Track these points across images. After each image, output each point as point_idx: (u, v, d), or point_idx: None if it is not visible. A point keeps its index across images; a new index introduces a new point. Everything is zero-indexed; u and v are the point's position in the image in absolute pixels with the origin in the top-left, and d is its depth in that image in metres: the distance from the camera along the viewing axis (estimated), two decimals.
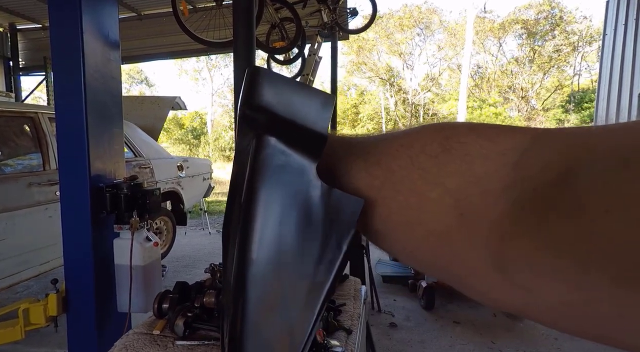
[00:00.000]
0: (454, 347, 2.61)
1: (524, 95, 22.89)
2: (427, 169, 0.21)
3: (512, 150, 0.19)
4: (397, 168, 0.23)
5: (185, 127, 26.67)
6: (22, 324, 1.71)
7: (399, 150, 0.23)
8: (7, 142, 2.67)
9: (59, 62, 1.69)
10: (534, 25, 21.69)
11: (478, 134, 0.21)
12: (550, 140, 0.19)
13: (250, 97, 0.24)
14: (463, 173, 0.20)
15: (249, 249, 0.23)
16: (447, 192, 0.20)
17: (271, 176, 0.23)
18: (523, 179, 0.18)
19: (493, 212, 0.18)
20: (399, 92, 25.39)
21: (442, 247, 0.21)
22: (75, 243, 1.71)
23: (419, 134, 0.23)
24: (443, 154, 0.21)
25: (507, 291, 0.18)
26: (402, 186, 0.22)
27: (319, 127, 0.24)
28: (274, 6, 4.02)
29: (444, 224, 0.20)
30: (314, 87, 0.24)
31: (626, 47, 5.70)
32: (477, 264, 0.19)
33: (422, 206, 0.21)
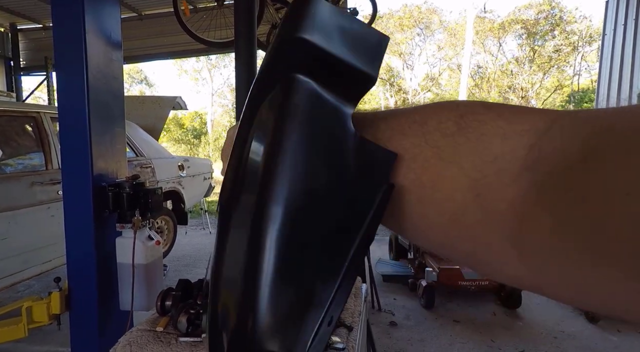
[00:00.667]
0: (453, 345, 2.63)
1: (523, 95, 22.90)
2: (441, 147, 0.21)
3: (530, 132, 0.19)
4: (410, 145, 0.22)
5: (185, 127, 26.67)
6: (26, 322, 1.73)
7: (412, 127, 0.22)
8: (10, 141, 2.68)
9: (61, 62, 1.70)
10: (533, 25, 21.69)
11: (496, 114, 0.21)
12: (570, 123, 0.18)
13: (295, 27, 0.21)
14: (479, 153, 0.20)
15: (274, 197, 0.20)
16: (462, 171, 0.20)
17: (305, 120, 0.21)
18: (542, 161, 0.18)
19: (510, 192, 0.18)
20: (399, 92, 25.39)
21: (457, 226, 0.20)
22: (78, 242, 1.73)
23: (433, 111, 0.23)
24: (458, 132, 0.21)
25: (523, 269, 0.18)
26: (415, 164, 0.22)
27: (369, 68, 0.22)
28: (275, 6, 4.03)
29: (459, 204, 0.20)
30: (368, 24, 0.22)
31: (625, 48, 5.71)
32: (493, 242, 0.19)
33: (436, 185, 0.21)
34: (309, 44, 0.20)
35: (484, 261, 0.21)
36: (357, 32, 0.22)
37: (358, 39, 0.22)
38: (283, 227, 0.20)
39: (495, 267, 0.20)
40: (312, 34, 0.20)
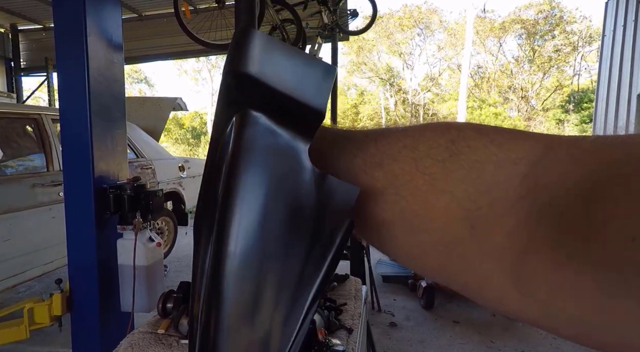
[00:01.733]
0: (453, 346, 2.64)
1: (523, 96, 22.89)
2: (433, 174, 0.20)
3: (524, 159, 0.19)
4: (400, 171, 0.21)
5: (185, 127, 26.64)
6: (27, 324, 1.73)
7: (402, 151, 0.22)
8: (11, 143, 2.69)
9: (63, 64, 1.71)
10: (533, 25, 21.68)
11: (488, 139, 0.20)
12: (564, 151, 0.18)
13: (237, 63, 0.20)
14: (472, 181, 0.19)
15: (227, 240, 0.20)
16: (455, 201, 0.19)
17: (256, 158, 0.20)
18: (537, 191, 0.17)
19: (506, 224, 0.18)
20: (399, 92, 25.38)
21: (452, 257, 0.20)
22: (79, 243, 1.73)
23: (423, 135, 0.22)
24: (450, 159, 0.20)
25: (523, 303, 0.18)
26: (406, 191, 0.21)
27: (315, 102, 0.20)
28: (275, 8, 4.03)
29: (453, 234, 0.19)
30: (313, 56, 0.22)
31: (625, 49, 5.72)
32: (492, 275, 0.18)
33: (429, 213, 0.20)
34: (251, 78, 0.20)
35: (482, 293, 0.20)
36: (301, 64, 0.21)
37: (303, 71, 0.21)
38: (238, 266, 0.20)
39: (494, 300, 0.20)
40: (252, 68, 0.20)
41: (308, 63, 0.21)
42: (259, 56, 0.20)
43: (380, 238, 0.23)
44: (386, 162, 0.22)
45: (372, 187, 0.22)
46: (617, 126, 5.84)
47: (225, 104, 0.22)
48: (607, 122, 6.13)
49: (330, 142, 0.24)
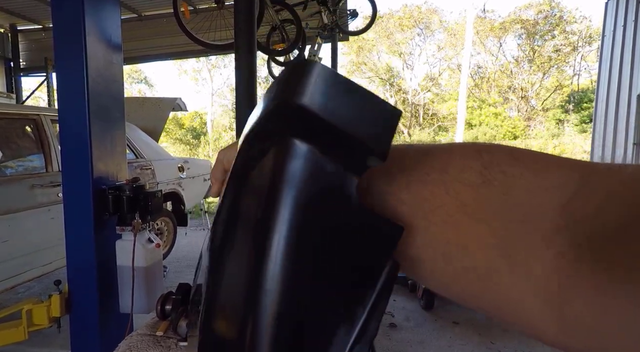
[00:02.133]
0: (453, 347, 2.63)
1: (523, 96, 22.90)
2: (465, 201, 0.19)
3: (560, 189, 0.18)
4: (430, 196, 0.20)
5: (185, 127, 26.65)
6: (26, 325, 1.73)
7: (430, 174, 0.21)
8: (10, 144, 2.69)
9: (62, 65, 1.71)
10: (533, 25, 21.70)
11: (522, 166, 0.19)
12: (601, 183, 0.18)
13: (289, 93, 0.18)
14: (508, 210, 0.19)
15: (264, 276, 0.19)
16: (490, 230, 0.19)
17: (301, 188, 0.19)
18: (575, 224, 0.17)
19: (545, 256, 0.17)
20: (399, 92, 25.40)
21: (487, 286, 0.19)
22: (78, 245, 1.73)
23: (452, 157, 0.21)
24: (484, 185, 0.19)
25: (565, 335, 0.17)
26: (437, 217, 0.20)
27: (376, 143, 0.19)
28: (275, 8, 4.03)
29: (489, 264, 0.19)
30: (377, 96, 0.19)
31: (625, 49, 5.72)
32: (530, 307, 0.18)
33: (461, 241, 0.20)
34: (309, 112, 0.18)
35: (519, 322, 0.20)
36: (365, 102, 0.19)
37: (365, 109, 0.19)
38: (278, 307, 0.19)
39: (531, 329, 0.19)
40: (313, 102, 0.18)
41: (373, 102, 0.19)
42: (319, 89, 0.19)
43: (406, 262, 0.22)
44: (414, 185, 0.21)
45: (399, 211, 0.21)
46: (617, 126, 5.84)
47: (262, 132, 0.20)
48: (607, 123, 6.13)
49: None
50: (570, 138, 18.14)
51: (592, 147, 6.58)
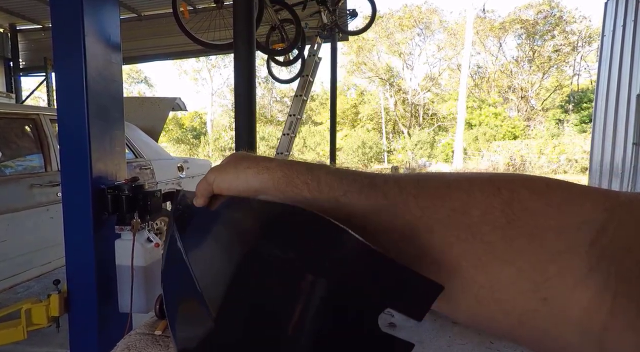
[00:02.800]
0: (452, 347, 2.63)
1: (523, 95, 22.90)
2: (492, 243, 0.19)
3: (586, 224, 0.18)
4: (455, 239, 0.20)
5: (184, 127, 26.62)
6: (25, 325, 1.73)
7: (452, 216, 0.21)
8: (9, 143, 2.68)
9: (61, 65, 1.70)
10: (533, 25, 21.70)
11: (545, 201, 0.19)
12: (627, 215, 0.18)
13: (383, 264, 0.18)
14: (535, 250, 0.18)
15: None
16: (521, 272, 0.19)
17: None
18: (607, 260, 0.17)
19: (582, 298, 0.17)
20: (399, 92, 25.39)
21: (525, 326, 0.19)
22: (77, 244, 1.73)
23: (472, 197, 0.21)
24: (509, 225, 0.19)
25: None
26: (466, 261, 0.20)
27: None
28: (274, 8, 4.03)
29: (524, 306, 0.19)
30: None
31: (624, 49, 5.72)
32: (572, 342, 0.18)
33: (494, 285, 0.19)
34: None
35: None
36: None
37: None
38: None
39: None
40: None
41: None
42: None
43: (438, 305, 0.22)
44: (437, 227, 0.21)
45: (424, 257, 0.21)
46: (617, 126, 5.84)
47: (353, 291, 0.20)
48: (606, 122, 6.13)
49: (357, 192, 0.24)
50: (569, 138, 18.15)
51: (592, 147, 6.58)
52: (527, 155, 17.75)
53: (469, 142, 19.79)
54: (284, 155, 4.70)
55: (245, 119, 1.79)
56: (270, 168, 0.30)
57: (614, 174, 5.83)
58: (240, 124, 1.86)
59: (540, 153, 17.51)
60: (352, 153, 21.60)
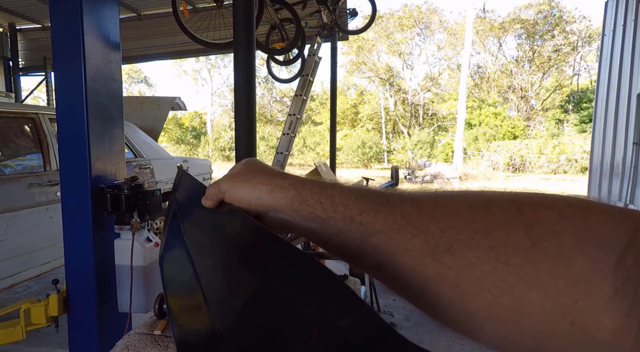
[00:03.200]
0: (452, 347, 2.63)
1: (523, 95, 22.89)
2: (517, 265, 0.19)
3: (610, 244, 0.18)
4: (477, 261, 0.20)
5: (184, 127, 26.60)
6: (23, 324, 1.72)
7: (474, 237, 0.20)
8: (8, 142, 2.68)
9: (59, 64, 1.70)
10: (533, 25, 21.69)
11: (569, 222, 0.19)
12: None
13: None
14: (562, 272, 0.18)
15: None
16: (548, 295, 0.18)
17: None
18: (633, 283, 0.17)
19: (610, 321, 0.17)
20: (399, 92, 25.39)
21: (552, 348, 0.19)
22: (76, 244, 1.72)
23: (494, 218, 0.20)
24: (533, 247, 0.19)
25: None
26: (489, 283, 0.20)
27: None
28: (274, 7, 4.02)
29: (551, 329, 0.18)
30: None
31: (625, 48, 5.71)
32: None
33: (520, 308, 0.19)
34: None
35: None
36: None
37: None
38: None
39: None
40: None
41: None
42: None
43: (460, 326, 0.22)
44: (457, 248, 0.21)
45: (444, 276, 0.21)
46: (617, 126, 5.84)
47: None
48: (606, 122, 6.13)
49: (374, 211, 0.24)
50: (569, 138, 18.15)
51: (592, 146, 6.58)
52: (527, 155, 17.75)
53: (468, 142, 19.79)
54: (284, 155, 4.69)
55: (245, 119, 1.78)
56: (284, 187, 0.30)
57: (614, 173, 5.83)
58: (240, 124, 1.85)
59: (540, 153, 17.51)
60: (352, 153, 21.60)
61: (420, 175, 13.87)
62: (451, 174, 13.61)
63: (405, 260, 0.22)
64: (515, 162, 17.89)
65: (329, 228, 0.27)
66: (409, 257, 0.22)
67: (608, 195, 5.93)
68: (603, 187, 6.09)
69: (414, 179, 13.60)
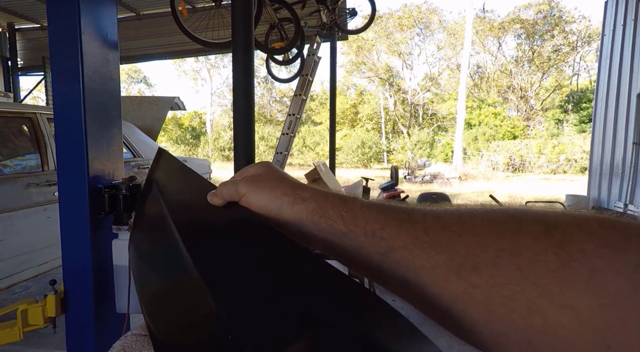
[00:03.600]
0: (452, 347, 2.62)
1: (523, 95, 22.91)
2: (546, 286, 0.18)
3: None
4: (505, 280, 0.19)
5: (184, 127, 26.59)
6: (21, 325, 1.71)
7: (501, 256, 0.20)
8: (6, 142, 2.66)
9: (57, 63, 1.69)
10: (533, 25, 21.70)
11: (600, 242, 0.18)
12: None
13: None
14: (594, 294, 0.18)
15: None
16: (579, 317, 0.18)
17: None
18: None
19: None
20: (398, 92, 25.39)
21: None
22: (73, 244, 1.71)
23: (522, 237, 0.20)
24: (563, 267, 0.18)
25: None
26: (517, 304, 0.19)
27: None
28: (273, 6, 4.01)
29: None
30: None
31: (625, 48, 5.71)
32: None
33: (550, 330, 0.19)
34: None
35: None
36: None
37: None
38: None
39: None
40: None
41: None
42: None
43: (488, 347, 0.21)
44: (484, 267, 0.20)
45: (471, 295, 0.20)
46: (617, 126, 5.84)
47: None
48: (606, 122, 6.13)
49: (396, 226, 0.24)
50: (569, 138, 18.16)
51: (592, 146, 6.57)
52: (527, 155, 17.75)
53: (468, 142, 19.80)
54: (283, 155, 4.68)
55: (244, 119, 1.77)
56: (305, 199, 0.30)
57: (614, 173, 5.82)
58: (239, 124, 1.84)
59: (539, 153, 17.51)
60: (351, 153, 21.59)
61: (419, 175, 13.86)
62: (451, 174, 13.60)
63: (430, 277, 0.22)
64: (514, 162, 17.89)
65: (349, 242, 0.27)
66: (434, 275, 0.21)
67: (608, 195, 5.93)
68: (603, 187, 6.08)
69: (413, 179, 13.59)
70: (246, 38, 1.99)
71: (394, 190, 7.73)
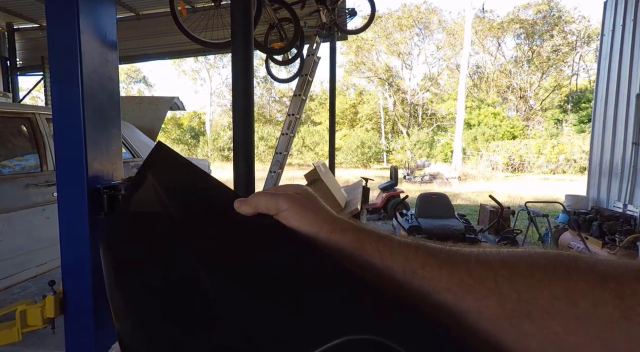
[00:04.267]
0: None
1: (522, 95, 22.92)
2: (608, 339, 0.18)
3: None
4: (562, 331, 0.19)
5: (183, 127, 26.57)
6: (19, 326, 1.71)
7: (556, 304, 0.19)
8: (5, 142, 2.66)
9: (56, 63, 1.68)
10: (532, 25, 21.70)
11: None
12: None
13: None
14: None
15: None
16: None
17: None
18: None
19: None
20: (398, 92, 25.38)
21: None
22: (72, 244, 1.71)
23: (576, 286, 0.19)
24: (625, 322, 0.18)
25: None
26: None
27: None
28: (273, 7, 4.01)
29: None
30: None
31: (624, 48, 5.72)
32: None
33: None
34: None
35: None
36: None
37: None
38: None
39: None
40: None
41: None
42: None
43: None
44: (537, 314, 0.19)
45: (523, 344, 0.19)
46: (616, 126, 5.84)
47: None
48: (606, 122, 6.13)
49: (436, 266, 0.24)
50: (568, 138, 18.17)
51: (591, 146, 6.58)
52: (526, 155, 17.77)
53: (467, 142, 19.80)
54: (283, 155, 4.68)
55: (243, 119, 1.77)
56: (344, 230, 0.30)
57: (614, 173, 5.83)
58: (238, 124, 1.84)
59: (539, 153, 17.53)
60: (351, 153, 21.59)
61: (419, 175, 13.87)
62: (450, 174, 13.61)
63: (477, 323, 0.21)
64: (514, 162, 17.90)
65: (386, 279, 0.26)
66: (481, 320, 0.21)
67: (607, 195, 5.93)
68: (602, 187, 6.09)
69: (413, 179, 13.59)
70: (245, 38, 1.99)
71: (393, 190, 7.74)
